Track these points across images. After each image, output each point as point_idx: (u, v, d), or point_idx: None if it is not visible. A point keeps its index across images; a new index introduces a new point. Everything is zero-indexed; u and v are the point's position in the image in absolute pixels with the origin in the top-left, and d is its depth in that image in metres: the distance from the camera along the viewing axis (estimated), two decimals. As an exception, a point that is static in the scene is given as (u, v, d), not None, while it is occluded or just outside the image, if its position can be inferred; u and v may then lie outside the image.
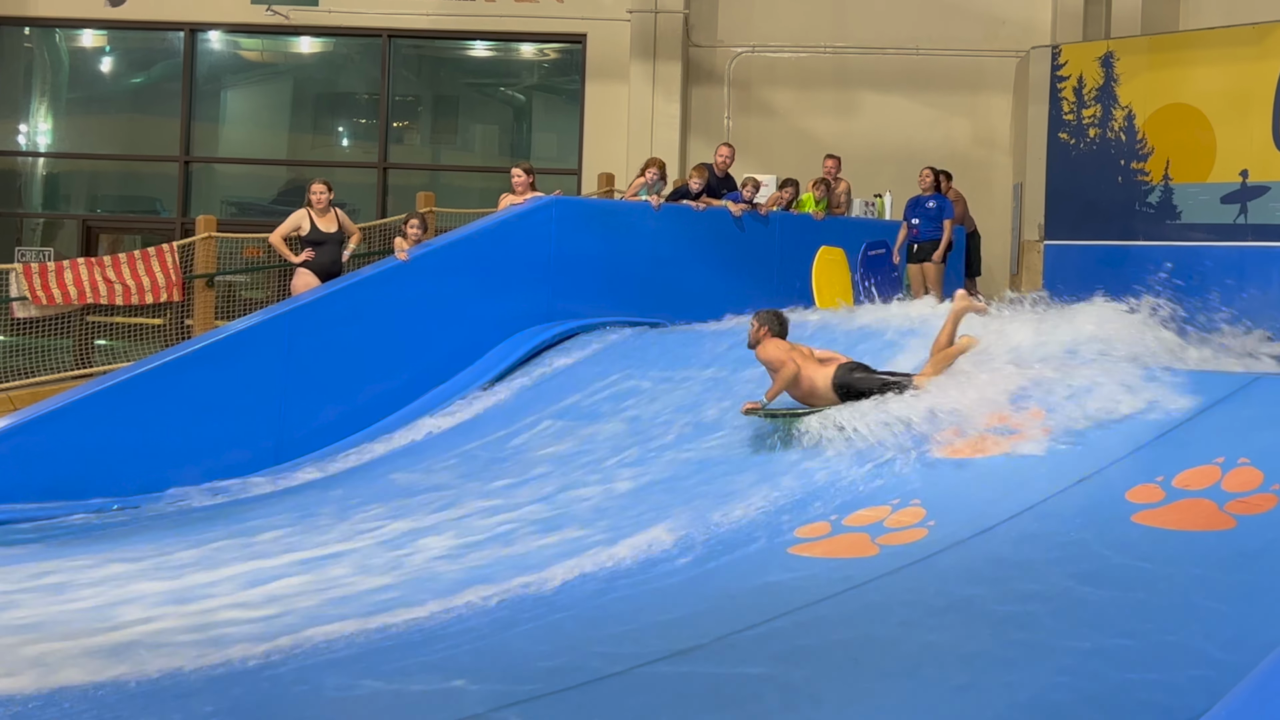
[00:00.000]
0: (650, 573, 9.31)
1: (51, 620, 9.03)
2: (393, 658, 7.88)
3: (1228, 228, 20.18)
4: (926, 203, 18.75)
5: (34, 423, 13.63)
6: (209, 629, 8.68)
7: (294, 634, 8.42)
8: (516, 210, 16.79)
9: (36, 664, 7.94)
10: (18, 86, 25.28)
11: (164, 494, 13.39)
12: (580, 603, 8.89)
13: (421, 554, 10.41)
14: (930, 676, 6.89)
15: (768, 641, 7.74)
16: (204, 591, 9.64)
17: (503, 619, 8.72)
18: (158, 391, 14.08)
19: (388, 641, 8.23)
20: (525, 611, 8.82)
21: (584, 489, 11.71)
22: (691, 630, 7.99)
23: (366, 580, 9.77)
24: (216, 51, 25.33)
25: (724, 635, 7.87)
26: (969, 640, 7.33)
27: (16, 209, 25.25)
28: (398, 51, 24.86)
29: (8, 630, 8.73)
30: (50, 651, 8.20)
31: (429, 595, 9.13)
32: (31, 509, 12.97)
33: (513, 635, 8.36)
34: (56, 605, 9.46)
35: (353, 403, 14.89)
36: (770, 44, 24.07)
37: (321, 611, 9.00)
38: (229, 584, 9.85)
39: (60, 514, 12.88)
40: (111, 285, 17.90)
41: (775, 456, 11.39)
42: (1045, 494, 9.22)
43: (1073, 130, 21.83)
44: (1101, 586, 7.73)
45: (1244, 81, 20.20)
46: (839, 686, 6.91)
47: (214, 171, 25.31)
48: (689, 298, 16.80)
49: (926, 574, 8.48)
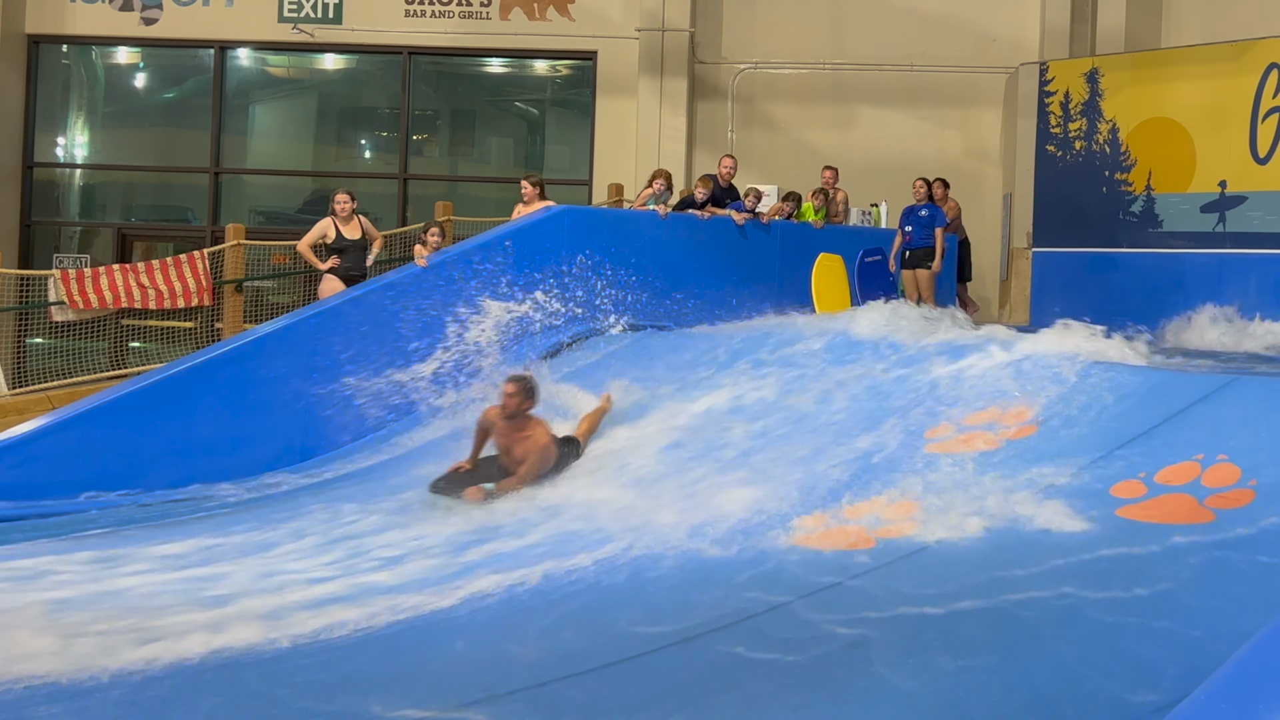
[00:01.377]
0: (655, 563, 9.32)
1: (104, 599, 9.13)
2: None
3: (1207, 235, 20.18)
4: (919, 211, 18.82)
5: (71, 421, 13.65)
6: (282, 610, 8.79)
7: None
8: (530, 219, 16.79)
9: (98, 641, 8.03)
10: (56, 101, 25.30)
11: (194, 488, 13.41)
12: (588, 591, 8.90)
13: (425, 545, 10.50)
14: (925, 661, 6.90)
15: (770, 628, 7.75)
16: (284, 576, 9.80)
17: (517, 606, 8.74)
18: (189, 391, 14.10)
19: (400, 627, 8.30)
20: (537, 600, 8.84)
21: (592, 483, 11.72)
22: (694, 618, 8.00)
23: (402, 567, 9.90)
24: (245, 68, 25.34)
25: (726, 624, 7.88)
26: (962, 627, 7.34)
27: (55, 218, 25.28)
28: (418, 68, 24.88)
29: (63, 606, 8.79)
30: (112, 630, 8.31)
31: (426, 586, 9.22)
32: (65, 504, 13.00)
33: (520, 622, 8.39)
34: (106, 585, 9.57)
35: (376, 402, 14.89)
36: (772, 61, 24.07)
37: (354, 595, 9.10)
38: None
39: (98, 507, 12.92)
40: (145, 290, 17.93)
41: (776, 453, 11.40)
42: (1034, 488, 9.22)
43: (1059, 143, 21.83)
44: (1087, 577, 7.74)
45: (1222, 96, 20.21)
46: (838, 670, 6.93)
47: (243, 182, 25.33)
48: (694, 302, 16.79)
49: (920, 564, 8.50)
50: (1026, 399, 10.72)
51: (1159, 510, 8.38)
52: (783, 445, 11.57)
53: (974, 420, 10.69)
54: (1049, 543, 8.40)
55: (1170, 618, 7.02)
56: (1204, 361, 13.12)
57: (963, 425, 10.69)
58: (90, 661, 7.63)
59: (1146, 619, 7.11)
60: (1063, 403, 10.49)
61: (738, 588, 8.54)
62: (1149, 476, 8.80)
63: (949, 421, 10.85)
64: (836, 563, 8.76)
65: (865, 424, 11.38)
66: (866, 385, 12.29)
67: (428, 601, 8.87)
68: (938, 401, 11.33)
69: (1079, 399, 10.47)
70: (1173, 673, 6.18)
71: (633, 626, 8.03)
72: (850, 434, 11.27)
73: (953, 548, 8.66)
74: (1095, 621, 7.12)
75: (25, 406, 16.44)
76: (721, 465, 11.46)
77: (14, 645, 7.83)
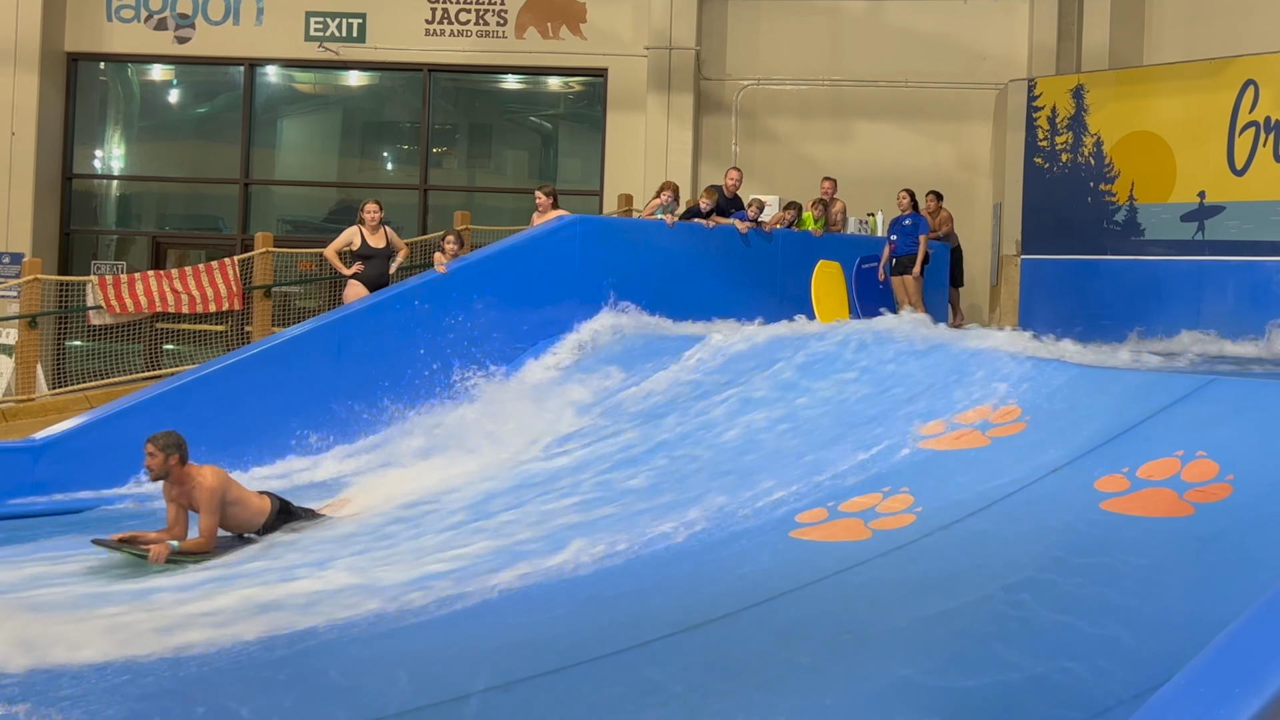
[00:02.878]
0: (664, 556, 9.34)
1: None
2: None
3: (1187, 243, 20.19)
4: (904, 221, 19.01)
5: (109, 419, 13.70)
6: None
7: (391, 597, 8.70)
8: (544, 227, 16.82)
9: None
10: (94, 116, 25.33)
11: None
12: (600, 583, 8.92)
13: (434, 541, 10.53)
14: (920, 648, 6.92)
15: (772, 617, 7.77)
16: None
17: (531, 598, 8.76)
18: (220, 391, 14.14)
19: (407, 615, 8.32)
20: (550, 591, 8.86)
21: (604, 479, 11.73)
22: (703, 607, 8.02)
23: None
24: (273, 84, 25.38)
25: (732, 611, 7.90)
26: (955, 616, 7.35)
27: (93, 226, 25.31)
28: (437, 84, 24.91)
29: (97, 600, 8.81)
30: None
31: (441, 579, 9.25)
32: (107, 495, 13.04)
33: (538, 612, 8.40)
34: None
35: (400, 401, 14.91)
36: (774, 77, 24.08)
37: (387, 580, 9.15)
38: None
39: (133, 501, 12.95)
40: (178, 295, 17.98)
41: (776, 451, 11.41)
42: (1021, 483, 9.23)
43: (1047, 155, 21.83)
44: (1072, 567, 7.75)
45: (1201, 111, 20.22)
46: (837, 657, 6.94)
47: (271, 192, 25.36)
48: (699, 306, 16.80)
49: (914, 555, 8.51)
50: (1016, 397, 10.74)
51: (1141, 504, 8.38)
52: (784, 443, 11.58)
53: (965, 418, 10.71)
54: (1036, 534, 8.42)
55: (1151, 606, 7.03)
56: (1183, 362, 13.11)
57: (954, 423, 10.70)
58: (127, 648, 7.64)
59: (1129, 607, 7.12)
60: (1050, 402, 10.51)
61: (739, 579, 8.56)
62: (1131, 472, 8.81)
63: (941, 419, 10.87)
64: (834, 554, 8.77)
65: (862, 423, 11.39)
66: (864, 385, 12.31)
67: (454, 590, 8.90)
68: (931, 400, 11.35)
69: (1065, 398, 10.49)
70: (1154, 658, 6.19)
71: (634, 616, 8.05)
72: (847, 432, 11.28)
73: (945, 539, 8.67)
74: (1082, 608, 7.13)
75: (65, 405, 16.51)
76: (725, 462, 11.48)
77: (61, 633, 7.83)
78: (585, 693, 6.85)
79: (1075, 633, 6.87)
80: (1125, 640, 6.67)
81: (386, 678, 7.27)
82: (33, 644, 7.54)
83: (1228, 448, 8.69)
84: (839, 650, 7.05)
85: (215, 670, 7.40)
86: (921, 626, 7.28)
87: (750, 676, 6.79)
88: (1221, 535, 7.69)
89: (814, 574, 8.39)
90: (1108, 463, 9.10)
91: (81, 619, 8.30)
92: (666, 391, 13.98)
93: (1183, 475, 8.55)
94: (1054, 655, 6.63)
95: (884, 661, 6.81)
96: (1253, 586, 6.65)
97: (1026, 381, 11.03)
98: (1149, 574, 7.51)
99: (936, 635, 7.08)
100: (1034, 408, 10.48)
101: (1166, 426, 9.40)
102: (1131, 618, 6.96)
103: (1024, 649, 6.73)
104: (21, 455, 13.15)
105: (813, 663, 6.89)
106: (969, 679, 6.46)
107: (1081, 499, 8.70)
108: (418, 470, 12.98)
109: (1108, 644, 6.68)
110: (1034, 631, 6.94)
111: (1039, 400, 10.60)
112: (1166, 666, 5.31)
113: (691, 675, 6.98)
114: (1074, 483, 8.99)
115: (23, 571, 10.10)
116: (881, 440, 10.84)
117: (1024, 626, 7.02)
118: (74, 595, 9.17)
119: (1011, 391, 10.91)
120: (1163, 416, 9.57)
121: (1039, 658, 6.61)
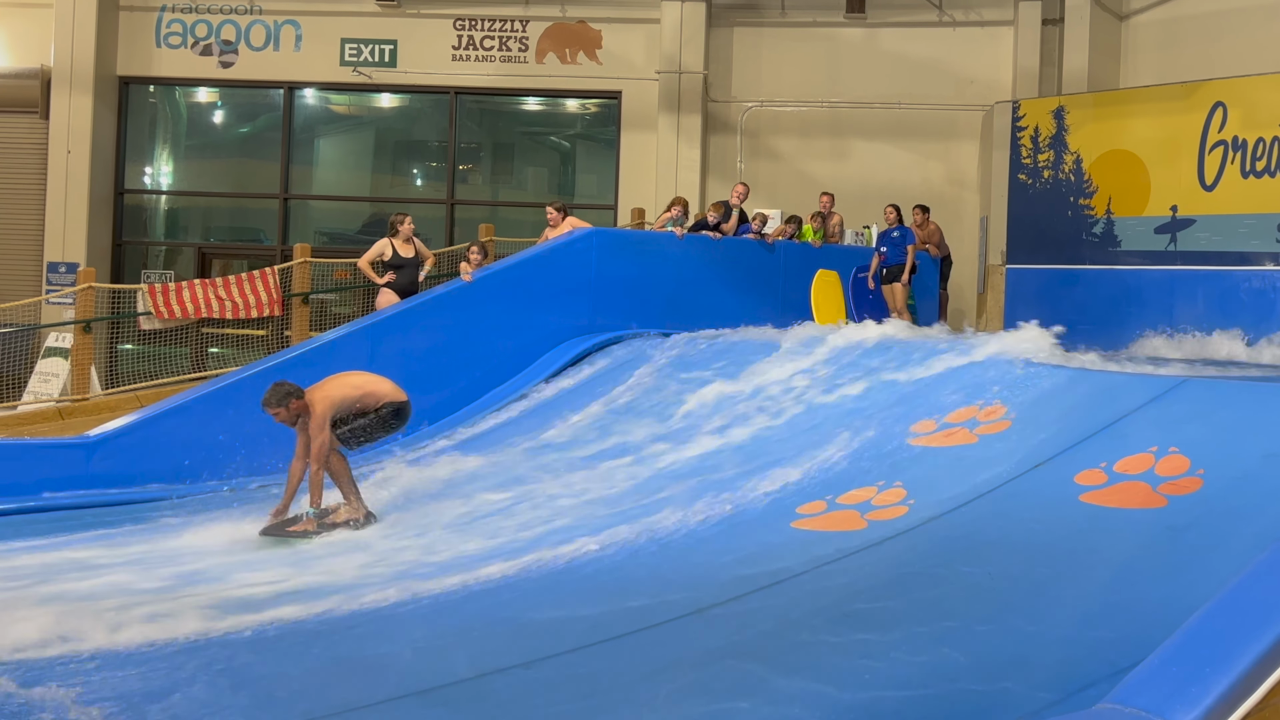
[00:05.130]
0: (671, 545, 9.37)
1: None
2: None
3: (1160, 254, 20.19)
4: (892, 234, 19.08)
5: (158, 417, 13.73)
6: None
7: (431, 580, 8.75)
8: (562, 239, 16.85)
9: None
10: (144, 135, 25.39)
11: (267, 478, 13.45)
12: (617, 568, 8.94)
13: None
14: (911, 630, 6.93)
15: (775, 600, 7.79)
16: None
17: (554, 578, 8.79)
18: (262, 391, 14.13)
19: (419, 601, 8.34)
20: (564, 575, 8.89)
21: (617, 474, 11.75)
22: (708, 592, 8.04)
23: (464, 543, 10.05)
24: (311, 106, 25.42)
25: (736, 596, 7.92)
26: (945, 600, 7.38)
27: (143, 238, 25.36)
28: (463, 106, 24.94)
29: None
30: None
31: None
32: (157, 489, 13.07)
33: (551, 595, 8.42)
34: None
35: (426, 401, 14.92)
36: (776, 99, 24.09)
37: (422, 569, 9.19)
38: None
39: (182, 494, 12.98)
40: (223, 302, 18.01)
41: (778, 447, 11.43)
42: (1007, 477, 9.25)
43: (1030, 172, 21.83)
44: (1054, 555, 7.77)
45: (1174, 131, 20.23)
46: (834, 637, 6.96)
47: (308, 207, 25.39)
48: (707, 312, 16.80)
49: (907, 544, 8.53)
50: (1002, 398, 10.75)
51: (1118, 496, 8.40)
52: (784, 440, 11.60)
53: (954, 417, 10.72)
54: (1021, 524, 8.44)
55: (1127, 590, 7.06)
56: (1157, 364, 13.10)
57: (944, 422, 10.72)
58: (169, 630, 7.66)
59: (1106, 592, 7.15)
60: (1033, 401, 10.52)
61: (745, 565, 8.58)
62: (1109, 466, 8.82)
63: (932, 418, 10.88)
64: (833, 543, 8.79)
65: (859, 421, 11.40)
66: (861, 385, 12.31)
67: (479, 573, 8.94)
68: (923, 400, 11.36)
69: (1047, 398, 10.51)
70: (1129, 639, 6.20)
71: (647, 599, 8.06)
72: (845, 430, 11.29)
73: (935, 529, 8.69)
74: (1061, 593, 7.16)
75: (117, 404, 16.55)
76: (727, 459, 11.50)
77: (105, 617, 7.85)
78: (602, 671, 6.87)
79: (1055, 615, 6.90)
80: (1102, 622, 6.69)
81: (439, 651, 7.32)
82: (75, 629, 7.58)
83: (1198, 444, 8.71)
84: (838, 631, 7.07)
85: (261, 647, 7.43)
86: (913, 609, 7.30)
87: (756, 656, 6.80)
88: (1192, 526, 7.70)
89: (814, 561, 8.42)
90: (1087, 458, 9.12)
91: (127, 605, 8.32)
92: (673, 389, 13.99)
93: (1156, 470, 8.56)
94: (1035, 636, 6.66)
95: (879, 641, 6.83)
96: (1222, 573, 6.66)
97: (1011, 383, 11.05)
98: (1125, 561, 7.54)
99: (927, 617, 7.10)
100: (1018, 407, 10.50)
101: (1141, 424, 9.41)
102: (1109, 601, 6.99)
103: (1007, 630, 6.76)
104: (76, 451, 13.18)
105: (814, 642, 6.91)
106: (957, 658, 6.48)
107: (1062, 492, 8.72)
108: (442, 464, 13.04)
109: (1086, 625, 6.71)
110: (1017, 614, 6.96)
111: (1023, 400, 10.62)
112: (1141, 647, 5.32)
113: (701, 655, 7.00)
114: (1055, 477, 9.01)
115: (71, 555, 10.17)
116: (877, 437, 10.86)
117: (1008, 609, 7.05)
118: (122, 581, 9.20)
119: (998, 392, 10.93)
120: (1137, 415, 9.58)
121: (1021, 639, 6.64)
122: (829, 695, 6.21)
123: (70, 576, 9.40)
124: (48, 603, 8.35)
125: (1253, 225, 19.31)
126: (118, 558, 10.16)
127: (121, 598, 8.55)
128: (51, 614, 7.86)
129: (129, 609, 8.16)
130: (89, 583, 9.15)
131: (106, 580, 9.24)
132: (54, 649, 7.32)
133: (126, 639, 7.52)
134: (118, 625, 7.71)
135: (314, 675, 7.00)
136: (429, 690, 6.66)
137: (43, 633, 7.49)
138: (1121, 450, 9.02)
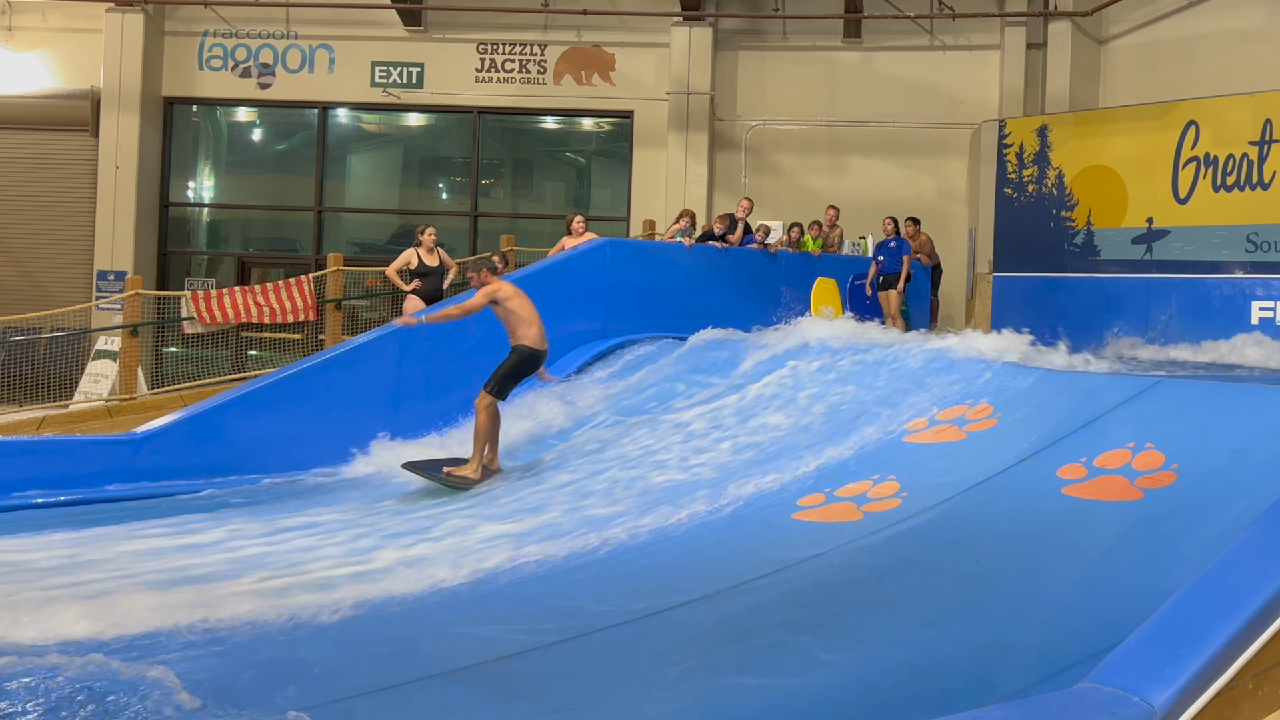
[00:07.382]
0: (681, 535, 9.38)
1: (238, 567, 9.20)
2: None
3: (1137, 263, 20.21)
4: (889, 244, 19.05)
5: (201, 415, 13.70)
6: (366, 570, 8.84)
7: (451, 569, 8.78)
8: (578, 249, 16.86)
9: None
10: (187, 152, 25.42)
11: (304, 472, 13.47)
12: (628, 558, 8.96)
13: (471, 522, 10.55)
14: (904, 614, 6.96)
15: (775, 587, 7.81)
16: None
17: (563, 569, 8.80)
18: (297, 390, 14.15)
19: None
20: (582, 564, 8.90)
21: (631, 470, 11.74)
22: (715, 578, 8.05)
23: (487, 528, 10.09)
24: (343, 124, 25.44)
25: (741, 582, 7.94)
26: (935, 586, 7.40)
27: (186, 248, 25.39)
28: (486, 124, 24.95)
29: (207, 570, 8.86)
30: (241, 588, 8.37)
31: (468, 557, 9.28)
32: (199, 483, 13.09)
33: (569, 582, 8.44)
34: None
35: (452, 400, 14.92)
36: (778, 119, 24.10)
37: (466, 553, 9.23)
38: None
39: (223, 487, 12.99)
40: (261, 308, 18.04)
41: (778, 445, 11.43)
42: (994, 471, 9.26)
43: (1015, 186, 21.84)
44: (1038, 544, 7.79)
45: (1150, 148, 20.24)
46: (832, 621, 6.98)
47: (341, 218, 25.41)
48: (713, 317, 16.77)
49: (901, 534, 8.54)
50: (988, 397, 10.76)
51: (1097, 489, 8.42)
52: (785, 438, 11.60)
53: (945, 415, 10.74)
54: (1006, 515, 8.45)
55: (1106, 577, 7.08)
56: (1133, 366, 13.10)
57: (935, 419, 10.74)
58: (212, 614, 7.65)
59: (1086, 579, 7.16)
60: (1018, 401, 10.54)
61: (750, 553, 8.60)
62: (1089, 461, 8.84)
63: (924, 416, 10.89)
64: (831, 533, 8.80)
65: (857, 420, 11.41)
66: (859, 385, 12.32)
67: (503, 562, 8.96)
68: (916, 399, 11.37)
69: (1032, 398, 10.53)
70: (1108, 623, 6.21)
71: (659, 585, 8.08)
72: (842, 428, 11.30)
73: (927, 520, 8.70)
74: (1044, 580, 7.17)
75: (162, 404, 16.60)
76: (731, 456, 11.50)
77: (145, 601, 7.85)
78: (616, 652, 6.89)
79: (1039, 600, 6.91)
80: (1082, 607, 6.71)
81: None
82: (120, 614, 7.57)
83: (1172, 440, 8.74)
84: (837, 614, 7.09)
85: (306, 628, 7.45)
86: (906, 594, 7.33)
87: (760, 638, 6.82)
88: (1167, 516, 7.72)
89: (814, 550, 8.43)
90: (1068, 453, 9.14)
91: (175, 588, 8.34)
92: (683, 390, 13.99)
93: (1133, 464, 8.58)
94: (1019, 620, 6.68)
95: (875, 624, 6.85)
96: (1195, 561, 6.68)
97: (998, 383, 11.08)
98: (1104, 550, 7.56)
99: (919, 602, 7.13)
100: (1004, 406, 10.52)
101: (1119, 422, 9.43)
102: (1088, 587, 7.01)
103: (994, 615, 6.77)
104: (124, 447, 13.18)
105: (814, 625, 6.92)
106: (945, 641, 6.50)
107: (1045, 485, 8.74)
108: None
109: (1067, 610, 6.72)
110: (1003, 598, 6.98)
111: (1009, 399, 10.64)
112: (1119, 630, 5.33)
113: (708, 637, 7.03)
114: (1039, 471, 9.02)
115: (159, 542, 10.18)
116: (872, 434, 10.87)
117: (994, 595, 7.07)
118: (173, 566, 9.21)
119: (985, 392, 10.95)
120: (1116, 413, 9.60)
121: (1006, 623, 6.65)
122: (827, 674, 6.23)
123: (180, 555, 9.53)
124: (165, 587, 8.34)
125: (1224, 236, 19.34)
126: (210, 540, 10.18)
127: (220, 581, 8.60)
128: (170, 596, 7.89)
129: (227, 587, 8.24)
130: (204, 560, 9.28)
131: (212, 559, 9.32)
132: (173, 624, 7.37)
133: (227, 615, 7.58)
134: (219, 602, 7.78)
135: (336, 658, 7.02)
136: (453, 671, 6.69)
137: (156, 613, 7.52)
138: (1101, 446, 9.03)
